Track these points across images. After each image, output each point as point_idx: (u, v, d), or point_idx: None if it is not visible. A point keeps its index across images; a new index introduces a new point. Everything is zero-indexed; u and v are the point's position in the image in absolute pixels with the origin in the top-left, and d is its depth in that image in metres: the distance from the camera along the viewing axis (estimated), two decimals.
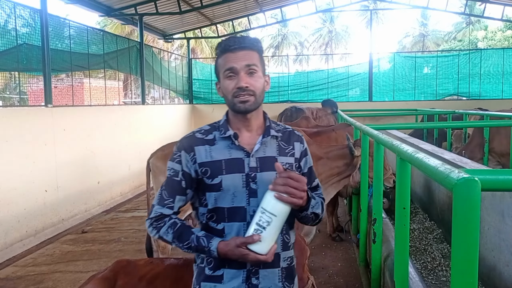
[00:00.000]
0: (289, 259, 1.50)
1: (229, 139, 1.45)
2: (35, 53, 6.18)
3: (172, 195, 1.46)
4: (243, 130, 1.48)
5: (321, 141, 4.92)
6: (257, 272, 1.42)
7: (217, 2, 11.03)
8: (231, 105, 1.45)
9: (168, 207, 1.46)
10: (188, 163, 1.45)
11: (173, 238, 1.42)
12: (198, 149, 1.45)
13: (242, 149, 1.44)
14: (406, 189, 2.00)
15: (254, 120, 1.48)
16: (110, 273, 2.18)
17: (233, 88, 1.41)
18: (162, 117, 10.90)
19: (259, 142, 1.46)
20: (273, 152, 1.48)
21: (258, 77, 1.44)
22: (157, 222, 1.45)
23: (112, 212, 7.03)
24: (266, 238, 1.31)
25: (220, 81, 1.47)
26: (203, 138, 1.47)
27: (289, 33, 43.95)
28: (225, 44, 1.44)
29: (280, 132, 1.53)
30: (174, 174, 1.47)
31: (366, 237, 3.83)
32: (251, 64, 1.42)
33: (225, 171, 1.42)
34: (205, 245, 1.38)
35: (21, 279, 4.32)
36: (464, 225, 1.13)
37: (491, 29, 32.52)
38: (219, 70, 1.47)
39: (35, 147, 5.65)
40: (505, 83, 13.01)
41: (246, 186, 1.42)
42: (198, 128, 1.53)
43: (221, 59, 1.45)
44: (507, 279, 2.79)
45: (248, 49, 1.44)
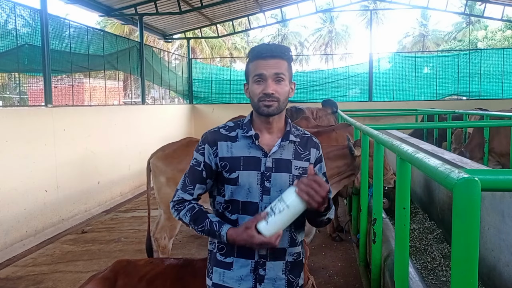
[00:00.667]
0: (295, 254, 1.61)
1: (250, 139, 1.57)
2: (35, 53, 6.18)
3: (193, 183, 1.61)
4: (264, 131, 1.59)
5: (322, 141, 4.86)
6: (264, 264, 1.54)
7: (217, 2, 11.03)
8: (256, 107, 1.55)
9: (188, 193, 1.61)
10: (210, 156, 1.58)
11: (190, 220, 1.56)
12: (221, 144, 1.58)
13: (261, 149, 1.56)
14: (406, 189, 2.00)
15: (275, 123, 1.59)
16: (110, 273, 2.19)
17: (260, 93, 1.51)
18: (162, 117, 10.90)
19: (277, 144, 1.57)
20: (289, 155, 1.59)
21: (284, 85, 1.54)
22: (178, 205, 1.61)
23: (112, 212, 7.03)
24: (274, 223, 1.40)
25: (249, 84, 1.57)
26: (227, 134, 1.60)
27: (289, 33, 43.95)
28: (257, 51, 1.55)
29: (299, 137, 1.63)
30: (196, 164, 1.61)
31: (366, 237, 3.83)
32: (279, 72, 1.51)
33: (243, 168, 1.54)
34: (216, 229, 1.50)
35: (21, 279, 4.32)
36: (464, 225, 1.13)
37: (491, 29, 32.52)
38: (249, 74, 1.57)
39: (35, 147, 5.65)
40: (505, 83, 13.01)
41: (260, 184, 1.54)
42: (223, 124, 1.65)
43: (252, 64, 1.55)
44: (507, 279, 2.79)
45: (279, 58, 1.53)
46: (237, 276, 1.55)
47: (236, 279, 1.55)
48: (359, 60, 14.85)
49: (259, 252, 1.53)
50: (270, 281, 1.55)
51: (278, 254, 1.56)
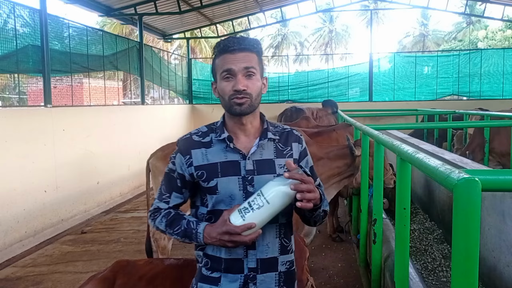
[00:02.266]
0: (288, 263, 1.48)
1: (224, 142, 1.44)
2: (34, 53, 6.17)
3: (169, 191, 1.50)
4: (239, 132, 1.47)
5: (322, 141, 4.91)
6: (254, 278, 1.41)
7: (217, 2, 11.02)
8: (227, 107, 1.43)
9: (164, 202, 1.50)
10: (183, 166, 1.46)
11: (166, 226, 1.44)
12: (195, 152, 1.45)
13: (238, 152, 1.43)
14: (407, 190, 2.00)
15: (250, 123, 1.47)
16: (109, 273, 2.18)
17: (230, 90, 1.39)
18: (161, 117, 10.89)
19: (255, 144, 1.45)
20: (270, 155, 1.46)
21: (256, 80, 1.42)
22: (154, 214, 1.50)
23: (112, 212, 7.02)
24: (250, 219, 1.29)
25: (217, 81, 1.45)
26: (200, 141, 1.47)
27: (289, 33, 43.97)
28: (224, 44, 1.41)
29: (278, 134, 1.51)
30: (170, 171, 1.50)
31: (366, 238, 3.82)
32: (249, 66, 1.40)
33: (221, 174, 1.41)
34: (193, 227, 1.39)
35: (21, 280, 4.31)
36: (465, 226, 1.12)
37: (492, 29, 32.54)
38: (216, 71, 1.44)
39: (35, 148, 5.64)
40: (505, 83, 13.01)
41: (243, 189, 1.41)
42: (196, 130, 1.52)
43: (219, 59, 1.43)
44: (508, 280, 2.78)
45: (248, 50, 1.41)
46: None
47: None
48: (359, 60, 14.83)
49: (248, 265, 1.40)
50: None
51: (270, 265, 1.43)
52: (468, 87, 13.30)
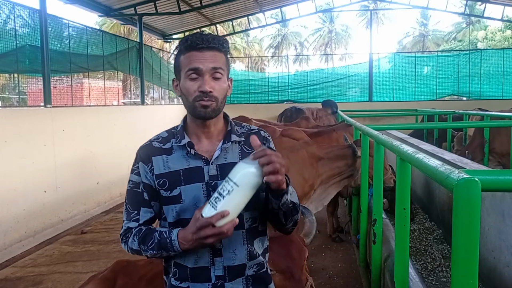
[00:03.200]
0: (255, 266, 1.40)
1: (185, 148, 1.37)
2: (34, 53, 6.17)
3: (136, 207, 1.40)
4: (202, 136, 1.39)
5: (322, 141, 4.91)
6: (222, 286, 1.34)
7: (217, 2, 11.02)
8: (190, 108, 1.35)
9: (134, 220, 1.40)
10: (147, 174, 1.38)
11: (139, 244, 1.35)
12: (156, 160, 1.38)
13: (201, 157, 1.36)
14: (406, 190, 2.00)
15: (213, 126, 1.39)
16: (110, 273, 2.18)
17: (195, 91, 1.31)
18: (161, 118, 10.87)
19: (219, 148, 1.37)
20: (235, 158, 1.38)
21: (223, 82, 1.34)
22: (125, 236, 1.40)
23: (112, 212, 7.02)
24: (223, 208, 1.20)
25: (180, 80, 1.36)
26: (161, 147, 1.39)
27: (289, 33, 43.98)
28: (191, 40, 1.32)
29: (243, 135, 1.43)
30: (134, 186, 1.40)
31: (366, 238, 3.83)
32: (217, 67, 1.32)
33: (184, 182, 1.34)
34: (166, 236, 1.30)
35: (20, 280, 4.31)
36: (465, 226, 1.12)
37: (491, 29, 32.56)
38: (181, 67, 1.34)
39: (34, 148, 5.64)
40: (505, 83, 13.01)
41: (207, 196, 1.33)
42: (156, 136, 1.45)
43: (184, 56, 1.33)
44: (508, 280, 2.78)
45: (216, 50, 1.33)
46: None
47: None
48: (359, 60, 14.83)
49: (216, 273, 1.34)
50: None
51: (237, 271, 1.36)
52: (468, 87, 13.30)
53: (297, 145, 4.06)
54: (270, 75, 15.24)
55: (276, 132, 4.75)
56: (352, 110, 11.07)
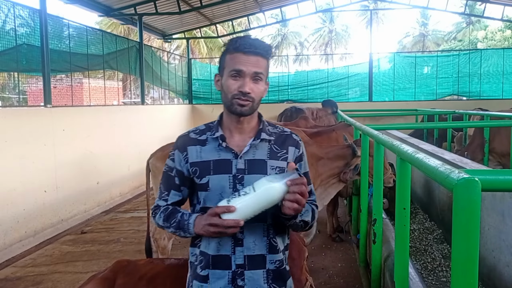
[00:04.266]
0: (277, 262, 1.48)
1: (218, 140, 1.48)
2: (34, 53, 6.17)
3: (167, 189, 1.54)
4: (235, 131, 1.50)
5: (322, 141, 4.91)
6: (242, 274, 1.43)
7: (217, 2, 11.02)
8: (227, 104, 1.45)
9: (163, 199, 1.54)
10: (181, 162, 1.51)
11: (163, 220, 1.49)
12: (191, 149, 1.50)
13: (231, 151, 1.46)
14: (406, 190, 2.00)
15: (247, 123, 1.49)
16: (110, 273, 2.18)
17: (235, 90, 1.41)
18: (161, 118, 10.89)
19: (249, 144, 1.47)
20: (263, 155, 1.47)
21: (261, 85, 1.45)
22: (154, 211, 1.55)
23: (112, 212, 7.02)
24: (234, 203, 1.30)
25: (223, 76, 1.46)
26: (196, 138, 1.52)
27: (289, 33, 43.95)
28: (240, 43, 1.42)
29: (275, 135, 1.52)
30: (168, 170, 1.54)
31: (366, 238, 3.82)
32: (259, 72, 1.42)
33: (213, 172, 1.45)
34: (186, 218, 1.43)
35: (21, 280, 4.31)
36: (465, 226, 1.12)
37: (491, 29, 32.55)
38: (225, 66, 1.45)
39: (34, 148, 5.64)
40: (505, 83, 13.01)
41: (233, 188, 1.43)
42: (194, 128, 1.57)
43: (231, 56, 1.43)
44: (508, 280, 2.78)
45: (261, 55, 1.43)
46: None
47: None
48: (359, 60, 14.80)
49: (236, 262, 1.43)
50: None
51: (257, 262, 1.44)
52: (468, 87, 13.30)
53: None
54: (270, 75, 15.23)
55: None
56: (352, 110, 11.06)
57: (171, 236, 4.04)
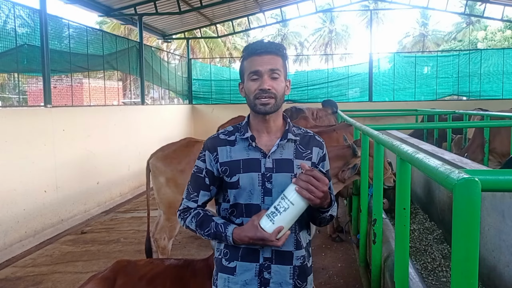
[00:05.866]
0: (302, 257, 1.55)
1: (247, 141, 1.55)
2: (34, 53, 6.17)
3: (197, 190, 1.60)
4: (262, 132, 1.57)
5: None
6: (269, 267, 1.50)
7: (217, 2, 11.02)
8: (252, 105, 1.52)
9: (193, 201, 1.60)
10: (211, 162, 1.58)
11: (196, 226, 1.54)
12: (221, 149, 1.57)
13: (260, 150, 1.53)
14: (406, 190, 2.00)
15: (273, 122, 1.56)
16: (110, 273, 2.18)
17: (256, 90, 1.49)
18: (161, 118, 10.89)
19: (276, 144, 1.54)
20: (289, 155, 1.55)
21: (280, 81, 1.51)
22: (184, 213, 1.60)
23: (112, 212, 7.02)
24: (280, 222, 1.39)
25: (244, 82, 1.55)
26: (226, 139, 1.59)
27: (289, 33, 43.97)
28: (252, 47, 1.52)
29: (300, 136, 1.60)
30: (198, 171, 1.61)
31: (366, 238, 3.82)
32: (275, 69, 1.49)
33: (243, 170, 1.52)
34: (222, 230, 1.48)
35: (21, 280, 4.31)
36: (465, 226, 1.12)
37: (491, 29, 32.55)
38: (244, 72, 1.55)
39: (34, 148, 5.64)
40: (505, 83, 13.01)
41: (261, 185, 1.51)
42: (223, 130, 1.64)
43: (247, 61, 1.53)
44: (508, 280, 2.78)
45: (274, 54, 1.51)
46: (242, 281, 1.51)
47: (240, 284, 1.51)
48: (359, 60, 14.81)
49: (264, 255, 1.50)
50: (276, 285, 1.50)
51: (285, 257, 1.52)
52: (468, 87, 13.30)
53: None
54: None
55: None
56: (352, 110, 11.06)
57: (171, 236, 4.04)
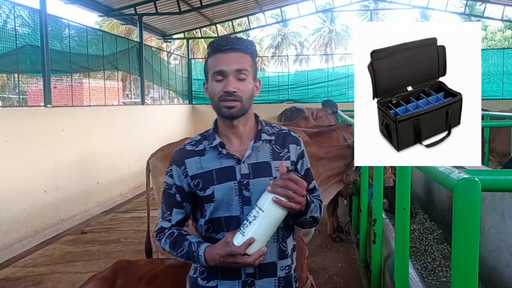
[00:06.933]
0: (287, 267, 1.43)
1: (217, 149, 1.40)
2: (34, 53, 6.17)
3: (169, 208, 1.46)
4: (232, 136, 1.43)
5: (322, 141, 4.91)
6: (253, 283, 1.37)
7: (217, 2, 11.03)
8: (216, 108, 1.39)
9: (167, 220, 1.46)
10: (180, 177, 1.42)
11: (170, 247, 1.42)
12: (189, 162, 1.41)
13: (232, 157, 1.39)
14: (406, 190, 2.00)
15: (242, 126, 1.42)
16: (110, 273, 2.18)
17: (220, 91, 1.34)
18: (161, 118, 10.89)
19: (250, 147, 1.40)
20: (266, 157, 1.41)
21: (248, 83, 1.37)
22: (159, 235, 1.47)
23: (112, 212, 7.02)
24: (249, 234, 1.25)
25: (208, 81, 1.40)
26: (193, 150, 1.43)
27: (289, 33, 43.95)
28: (217, 43, 1.37)
29: (274, 135, 1.46)
30: (167, 188, 1.46)
31: (366, 238, 3.83)
32: (241, 69, 1.34)
33: (217, 181, 1.37)
34: (194, 249, 1.35)
35: (21, 280, 4.31)
36: (465, 226, 1.12)
37: (491, 29, 32.56)
38: (208, 71, 1.40)
39: (35, 148, 5.64)
40: (505, 83, 13.01)
41: (239, 194, 1.37)
42: (189, 140, 1.49)
43: (211, 59, 1.38)
44: (508, 280, 2.78)
45: (241, 51, 1.36)
46: None
47: None
48: None
49: (246, 270, 1.36)
50: None
51: (268, 270, 1.38)
52: None
53: None
54: (270, 75, 15.24)
55: None
56: (352, 110, 11.05)
57: None
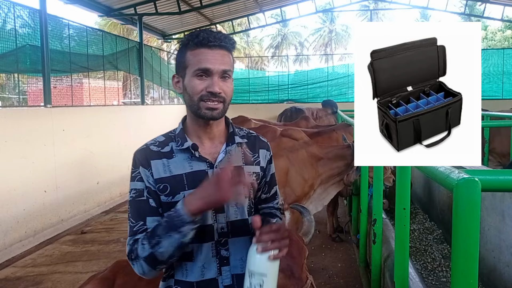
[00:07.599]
0: None
1: (188, 151, 1.28)
2: (34, 53, 6.17)
3: (141, 218, 1.24)
4: (204, 138, 1.32)
5: (322, 141, 4.91)
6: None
7: (217, 2, 11.03)
8: (194, 108, 1.26)
9: (140, 233, 1.23)
10: (149, 179, 1.26)
11: (149, 244, 1.16)
12: (155, 163, 1.27)
13: (205, 160, 1.29)
14: (406, 190, 2.00)
15: (216, 127, 1.33)
16: (110, 273, 2.18)
17: (203, 90, 1.23)
18: (161, 118, 10.88)
19: (223, 151, 1.32)
20: (238, 161, 1.33)
21: (230, 83, 1.29)
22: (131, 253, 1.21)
23: (112, 212, 7.02)
24: None
25: (185, 77, 1.27)
26: (159, 151, 1.29)
27: (289, 33, 43.96)
28: (203, 37, 1.23)
29: (245, 137, 1.40)
30: (137, 195, 1.26)
31: (366, 238, 3.83)
32: (227, 69, 1.25)
33: (188, 186, 1.25)
34: (171, 212, 1.16)
35: (20, 280, 4.31)
36: (464, 226, 1.12)
37: (491, 29, 32.57)
38: (186, 64, 1.25)
39: (34, 148, 5.64)
40: (505, 83, 13.02)
41: None
42: (152, 140, 1.35)
43: (193, 52, 1.24)
44: (508, 280, 2.78)
45: (226, 49, 1.27)
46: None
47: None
48: None
49: (224, 283, 1.28)
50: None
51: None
52: None
53: (297, 145, 4.06)
54: (270, 74, 15.24)
55: (276, 132, 4.75)
56: (352, 110, 11.06)
57: None
